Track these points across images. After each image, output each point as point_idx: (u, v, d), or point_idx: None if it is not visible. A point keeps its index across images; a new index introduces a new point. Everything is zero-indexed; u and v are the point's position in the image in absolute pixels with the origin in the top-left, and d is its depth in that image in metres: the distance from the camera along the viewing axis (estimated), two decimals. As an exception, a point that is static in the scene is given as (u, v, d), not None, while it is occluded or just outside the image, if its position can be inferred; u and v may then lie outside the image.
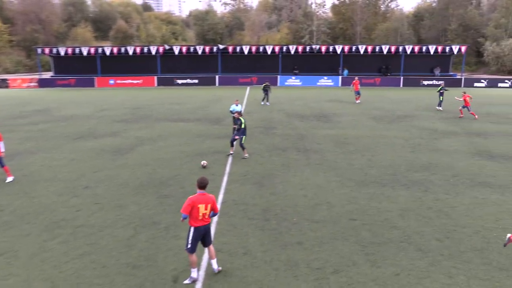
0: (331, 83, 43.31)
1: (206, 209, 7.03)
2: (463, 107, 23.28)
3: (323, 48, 43.74)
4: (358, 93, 29.34)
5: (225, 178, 12.47)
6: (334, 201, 10.71)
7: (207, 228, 7.12)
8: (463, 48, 42.96)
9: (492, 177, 12.70)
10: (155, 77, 44.11)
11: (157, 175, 12.72)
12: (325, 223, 9.43)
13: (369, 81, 43.12)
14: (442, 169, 13.51)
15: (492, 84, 42.50)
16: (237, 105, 18.05)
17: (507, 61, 59.79)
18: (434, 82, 42.46)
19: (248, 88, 40.96)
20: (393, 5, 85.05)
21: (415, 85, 42.46)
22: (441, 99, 26.25)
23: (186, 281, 7.06)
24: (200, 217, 7.00)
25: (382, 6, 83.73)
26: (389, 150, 15.97)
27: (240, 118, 14.36)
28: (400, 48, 43.34)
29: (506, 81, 42.98)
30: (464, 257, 7.97)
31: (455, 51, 43.25)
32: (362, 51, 43.00)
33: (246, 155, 14.50)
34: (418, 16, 79.89)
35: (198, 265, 7.46)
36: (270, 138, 17.93)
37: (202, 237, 7.11)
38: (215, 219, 9.48)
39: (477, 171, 13.30)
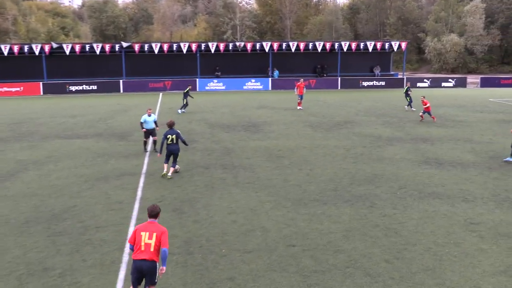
0: (260, 87, 44.27)
1: (150, 238, 6.88)
2: (424, 112, 25.06)
3: (249, 46, 44.68)
4: (301, 97, 30.16)
5: (136, 206, 12.12)
6: (269, 225, 10.86)
7: (149, 266, 6.87)
8: (404, 45, 46.38)
9: (441, 186, 13.74)
10: (40, 84, 41.90)
11: (47, 208, 12.01)
12: (259, 252, 9.51)
13: (304, 83, 44.77)
14: (388, 180, 14.35)
15: (436, 83, 46.29)
16: (149, 115, 17.91)
17: (449, 58, 65.69)
18: (375, 83, 45.23)
19: (161, 94, 40.45)
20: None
21: (354, 87, 44.89)
22: (408, 100, 29.58)
23: None
24: (142, 248, 6.84)
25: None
26: (329, 161, 16.63)
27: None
28: (336, 45, 45.67)
29: (450, 80, 47.06)
30: (416, 279, 8.48)
31: (395, 47, 46.55)
32: (293, 49, 44.61)
33: (170, 175, 14.60)
34: (353, 8, 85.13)
35: None
36: (189, 154, 17.81)
37: (142, 276, 6.89)
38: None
39: (425, 181, 14.30)
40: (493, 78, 49.47)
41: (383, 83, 45.47)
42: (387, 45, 46.36)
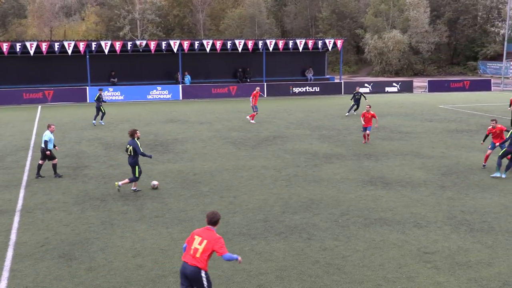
0: (168, 96, 44.05)
1: (200, 244, 8.18)
2: (364, 129, 25.91)
3: (153, 45, 44.44)
4: (256, 108, 30.67)
5: (10, 254, 11.53)
6: (185, 269, 10.74)
7: (192, 271, 8.10)
8: (340, 43, 48.29)
9: (389, 211, 14.35)
10: None
11: None
12: (174, 304, 9.36)
13: (222, 91, 45.18)
14: (328, 206, 14.76)
15: (378, 88, 48.55)
16: (52, 132, 18.20)
17: (392, 59, 69.14)
18: (308, 89, 46.59)
19: (40, 107, 38.97)
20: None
21: (283, 94, 45.97)
22: (353, 104, 33.36)
23: None
24: (191, 251, 8.21)
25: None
26: (257, 186, 16.83)
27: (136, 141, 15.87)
28: (260, 44, 46.61)
29: (394, 84, 49.57)
30: (365, 323, 8.74)
31: (330, 46, 48.36)
32: (208, 49, 44.95)
33: (120, 183, 16.00)
34: (279, 0, 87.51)
35: None
36: (80, 183, 17.28)
37: (187, 280, 8.19)
38: None
39: (371, 204, 14.88)
40: (442, 81, 52.78)
41: (317, 88, 46.96)
42: (320, 43, 47.99)
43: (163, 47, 44.47)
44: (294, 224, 13.34)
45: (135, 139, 15.88)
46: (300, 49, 46.77)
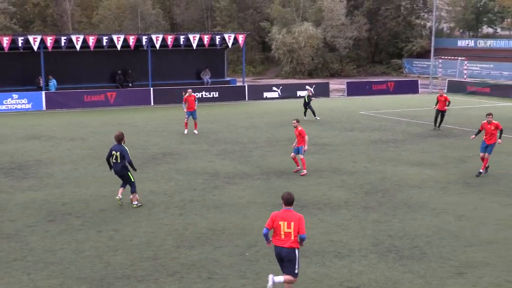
0: (28, 106, 42.67)
1: (289, 228, 10.81)
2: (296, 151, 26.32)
3: (6, 41, 42.92)
4: (191, 114, 30.95)
5: None
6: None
7: (288, 252, 10.82)
8: (241, 38, 48.90)
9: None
10: None
11: None
12: None
13: (98, 98, 44.35)
14: (232, 237, 14.84)
15: (289, 93, 49.52)
16: None
17: (304, 57, 70.85)
18: (205, 94, 46.71)
19: None
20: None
21: (174, 101, 45.68)
22: (306, 110, 35.48)
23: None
24: (282, 236, 10.87)
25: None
26: (144, 216, 16.65)
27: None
28: (144, 40, 46.26)
29: (308, 87, 50.74)
30: None
31: (230, 42, 48.84)
32: (78, 46, 44.01)
33: (135, 203, 17.68)
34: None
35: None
36: None
37: (282, 259, 10.93)
38: None
39: (283, 232, 15.11)
40: (363, 83, 54.79)
41: (216, 94, 47.18)
42: (218, 39, 48.33)
43: (20, 44, 43.04)
44: (191, 261, 13.27)
45: (123, 143, 17.42)
46: (194, 46, 46.87)
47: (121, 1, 77.56)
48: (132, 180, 17.45)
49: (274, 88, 49.88)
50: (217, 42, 48.34)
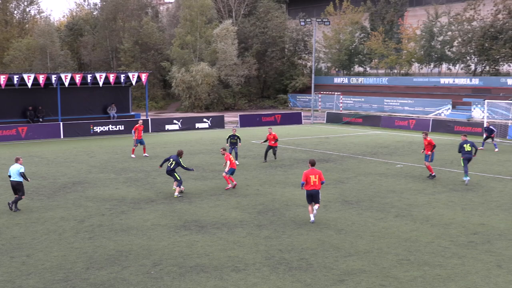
0: None
1: (315, 178, 17.79)
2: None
3: None
4: (140, 142, 32.63)
5: None
6: None
7: (316, 192, 17.93)
8: (144, 76, 48.53)
9: (205, 256, 14.61)
10: None
11: None
12: None
13: (9, 132, 42.64)
14: (138, 257, 14.60)
15: (188, 125, 49.52)
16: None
17: (201, 93, 71.14)
18: (111, 127, 45.89)
19: None
20: (33, 11, 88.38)
21: (83, 134, 44.68)
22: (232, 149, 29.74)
23: (311, 221, 18.02)
24: (311, 183, 17.73)
25: (15, 13, 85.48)
26: (55, 241, 16.09)
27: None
28: (54, 78, 45.00)
29: (205, 120, 50.96)
30: None
31: (134, 80, 48.37)
32: (-9, 84, 42.23)
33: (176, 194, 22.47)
34: (74, 29, 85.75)
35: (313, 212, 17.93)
36: None
37: (312, 198, 17.93)
38: None
39: (185, 251, 15.00)
40: (254, 116, 55.51)
41: (121, 127, 46.44)
42: (123, 77, 47.75)
43: None
44: (100, 281, 12.94)
45: (180, 158, 22.29)
46: (101, 83, 46.05)
47: (31, 42, 75.30)
48: (179, 178, 22.18)
49: (175, 121, 49.66)
50: (122, 80, 47.76)
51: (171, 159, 22.21)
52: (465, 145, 24.92)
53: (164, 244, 15.65)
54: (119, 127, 46.41)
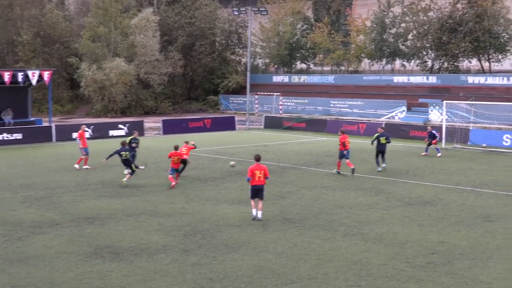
0: None
1: (260, 173, 21.00)
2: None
3: None
4: (86, 151, 33.04)
5: None
6: None
7: (261, 188, 21.07)
8: (47, 75, 47.60)
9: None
10: None
11: None
12: None
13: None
14: (39, 292, 14.18)
15: (101, 132, 48.73)
16: None
17: (116, 94, 70.21)
18: (6, 136, 44.65)
19: None
20: None
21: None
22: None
23: (253, 215, 21.15)
24: (257, 178, 20.95)
25: None
26: None
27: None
28: None
29: (121, 126, 50.33)
30: None
31: (34, 79, 47.36)
32: None
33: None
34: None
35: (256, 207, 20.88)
36: None
37: (257, 193, 21.08)
38: None
39: (98, 283, 14.74)
40: (179, 121, 55.35)
41: (19, 135, 45.31)
42: (21, 76, 46.73)
43: None
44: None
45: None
46: (-7, 83, 44.98)
47: None
48: (134, 169, 28.00)
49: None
50: (20, 79, 46.77)
51: (122, 152, 27.52)
52: (381, 138, 31.02)
53: (71, 275, 15.29)
54: (16, 136, 45.25)
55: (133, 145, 31.52)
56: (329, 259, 16.64)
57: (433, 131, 38.26)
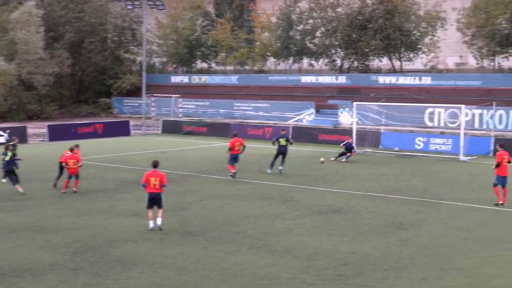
0: None
1: (155, 180, 21.36)
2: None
3: None
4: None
5: None
6: None
7: (158, 195, 21.48)
8: None
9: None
10: None
11: None
12: None
13: None
14: None
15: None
16: None
17: (-4, 97, 68.27)
18: None
19: None
20: None
21: None
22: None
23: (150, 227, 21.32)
24: (152, 185, 21.35)
25: None
26: None
27: None
28: None
29: (0, 132, 48.85)
30: None
31: None
32: None
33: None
34: None
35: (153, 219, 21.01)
36: None
37: (154, 202, 21.48)
38: None
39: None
40: (67, 126, 54.37)
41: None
42: None
43: None
44: None
45: None
46: None
47: None
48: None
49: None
50: None
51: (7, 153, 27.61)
52: (280, 139, 32.93)
53: None
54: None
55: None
56: (234, 274, 16.68)
57: (353, 145, 39.08)
